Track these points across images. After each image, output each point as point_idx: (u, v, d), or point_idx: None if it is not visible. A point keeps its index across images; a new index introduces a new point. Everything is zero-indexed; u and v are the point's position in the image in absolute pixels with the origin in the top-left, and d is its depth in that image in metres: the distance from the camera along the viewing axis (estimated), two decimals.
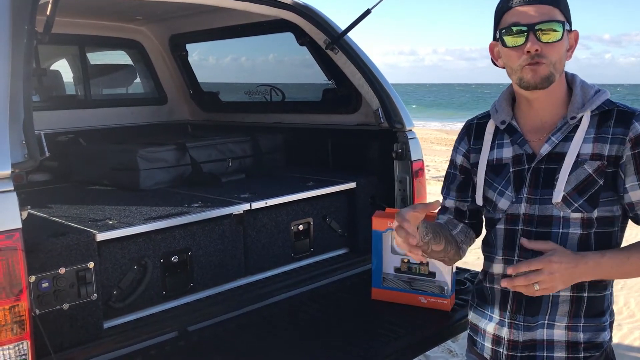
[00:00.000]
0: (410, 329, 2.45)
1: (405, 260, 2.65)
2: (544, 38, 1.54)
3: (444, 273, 2.59)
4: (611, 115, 1.60)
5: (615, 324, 5.39)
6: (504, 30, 1.59)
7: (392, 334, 2.40)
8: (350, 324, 2.49)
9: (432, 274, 2.61)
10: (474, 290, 1.87)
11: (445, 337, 2.60)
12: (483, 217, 1.84)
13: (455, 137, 1.98)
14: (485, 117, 1.81)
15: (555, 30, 1.55)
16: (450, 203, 1.88)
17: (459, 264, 3.95)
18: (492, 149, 1.75)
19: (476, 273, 2.76)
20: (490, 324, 1.76)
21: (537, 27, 1.54)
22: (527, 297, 1.64)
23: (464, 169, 1.84)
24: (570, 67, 1.71)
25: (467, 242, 1.85)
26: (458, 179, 1.85)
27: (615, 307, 5.68)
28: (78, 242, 2.16)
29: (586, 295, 1.63)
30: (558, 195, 1.60)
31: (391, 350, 2.30)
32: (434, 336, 2.53)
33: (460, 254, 1.82)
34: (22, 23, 2.13)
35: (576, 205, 1.59)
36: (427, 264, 2.61)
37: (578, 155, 1.59)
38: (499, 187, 1.71)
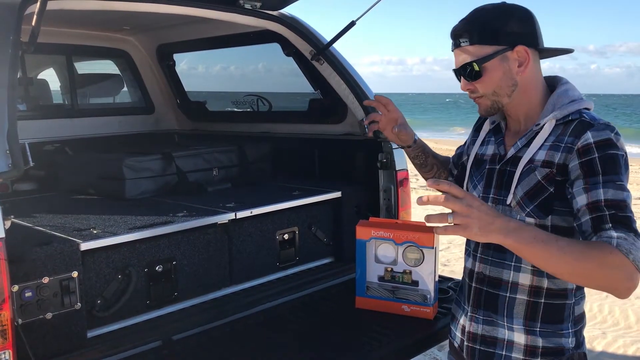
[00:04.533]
0: (394, 337, 2.47)
1: (389, 269, 2.67)
2: (469, 78, 1.68)
3: (427, 282, 2.61)
4: (572, 125, 1.62)
5: (599, 332, 5.42)
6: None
7: (376, 342, 2.41)
8: (334, 333, 2.50)
9: (415, 283, 2.63)
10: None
11: (428, 345, 2.62)
12: None
13: (443, 146, 2.19)
14: None
15: (475, 69, 1.65)
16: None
17: (443, 272, 3.87)
18: (482, 144, 1.89)
19: (459, 282, 2.78)
20: (462, 315, 1.88)
21: (460, 70, 1.69)
22: (486, 292, 1.75)
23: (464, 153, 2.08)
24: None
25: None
26: (460, 150, 2.15)
27: (599, 316, 5.72)
28: (62, 252, 2.17)
29: (543, 301, 1.68)
30: (508, 198, 1.68)
31: (375, 358, 2.31)
32: (417, 344, 2.54)
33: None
34: (7, 33, 2.15)
35: (528, 210, 1.64)
36: (410, 272, 2.64)
37: (532, 162, 1.65)
38: (475, 181, 1.83)
